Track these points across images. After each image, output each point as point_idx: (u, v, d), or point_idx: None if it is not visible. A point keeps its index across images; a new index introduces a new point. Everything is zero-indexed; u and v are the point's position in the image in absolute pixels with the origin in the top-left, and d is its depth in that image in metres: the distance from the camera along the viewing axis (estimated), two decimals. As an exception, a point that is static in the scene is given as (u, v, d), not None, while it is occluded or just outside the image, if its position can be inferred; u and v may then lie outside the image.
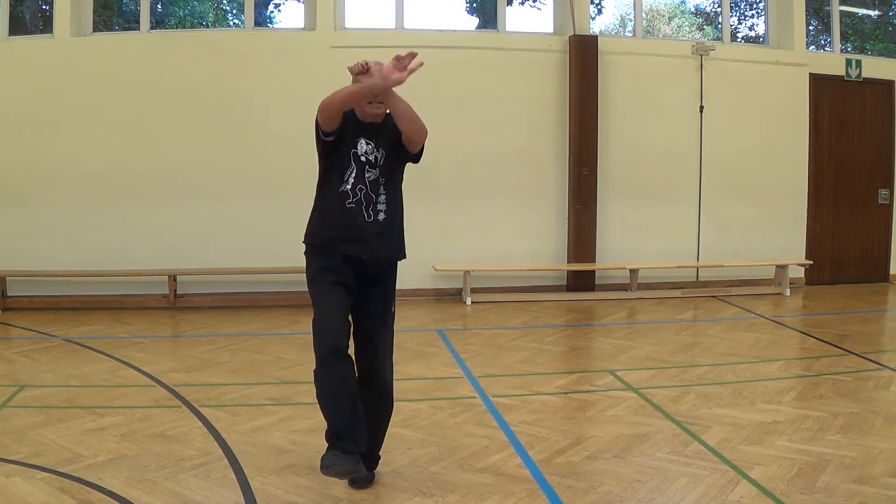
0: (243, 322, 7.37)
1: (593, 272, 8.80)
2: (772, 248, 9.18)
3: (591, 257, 8.73)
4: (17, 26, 8.50)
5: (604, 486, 3.55)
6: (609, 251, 8.84)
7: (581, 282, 8.78)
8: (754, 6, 10.10)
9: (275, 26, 9.07)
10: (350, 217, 3.31)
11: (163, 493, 3.44)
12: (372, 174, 3.35)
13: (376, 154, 3.36)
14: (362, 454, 3.21)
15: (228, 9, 9.39)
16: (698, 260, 9.10)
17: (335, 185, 3.33)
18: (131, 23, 8.84)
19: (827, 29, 9.83)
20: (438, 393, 5.08)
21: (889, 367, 5.60)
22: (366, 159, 3.34)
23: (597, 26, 9.42)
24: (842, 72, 9.37)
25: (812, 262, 9.13)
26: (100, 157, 8.02)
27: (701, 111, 9.00)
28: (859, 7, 10.18)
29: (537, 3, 9.23)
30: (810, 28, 9.86)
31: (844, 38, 9.84)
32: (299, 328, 6.94)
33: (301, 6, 8.67)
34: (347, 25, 8.60)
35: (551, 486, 3.55)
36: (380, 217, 3.35)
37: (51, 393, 5.00)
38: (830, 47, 9.71)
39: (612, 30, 9.83)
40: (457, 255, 8.48)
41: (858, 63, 9.39)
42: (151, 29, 8.49)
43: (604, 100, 8.66)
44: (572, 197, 8.71)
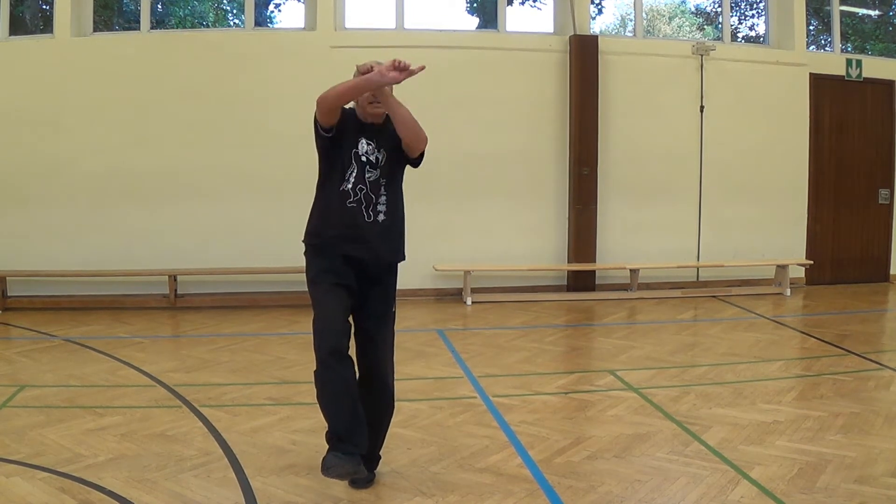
0: (243, 322, 7.37)
1: (593, 272, 8.80)
2: (772, 248, 9.18)
3: (591, 257, 8.73)
4: (18, 26, 8.50)
5: (604, 486, 3.55)
6: (609, 251, 8.84)
7: (581, 282, 8.78)
8: (754, 6, 10.10)
9: (275, 26, 9.07)
10: (351, 216, 3.32)
11: (163, 493, 3.44)
12: (373, 175, 3.35)
13: (377, 155, 3.36)
14: (363, 454, 3.21)
15: (228, 9, 9.39)
16: (698, 260, 9.10)
17: (336, 185, 3.33)
18: (131, 23, 8.84)
19: (827, 29, 9.83)
20: (438, 393, 5.07)
21: (889, 367, 5.60)
22: (366, 159, 3.35)
23: (597, 26, 9.42)
24: (842, 72, 9.37)
25: (812, 262, 9.13)
26: (100, 157, 8.02)
27: (701, 111, 9.00)
28: (859, 7, 10.18)
29: (537, 3, 9.23)
30: (810, 28, 9.86)
31: (845, 38, 9.84)
32: (299, 328, 6.94)
33: (301, 6, 8.68)
34: (347, 25, 8.60)
35: (551, 486, 3.55)
36: (379, 218, 3.35)
37: (51, 393, 5.00)
38: (831, 47, 9.71)
39: (613, 30, 9.83)
40: (457, 255, 8.49)
41: (859, 63, 9.39)
42: (151, 29, 8.49)
43: (604, 100, 8.66)
44: (572, 197, 8.71)
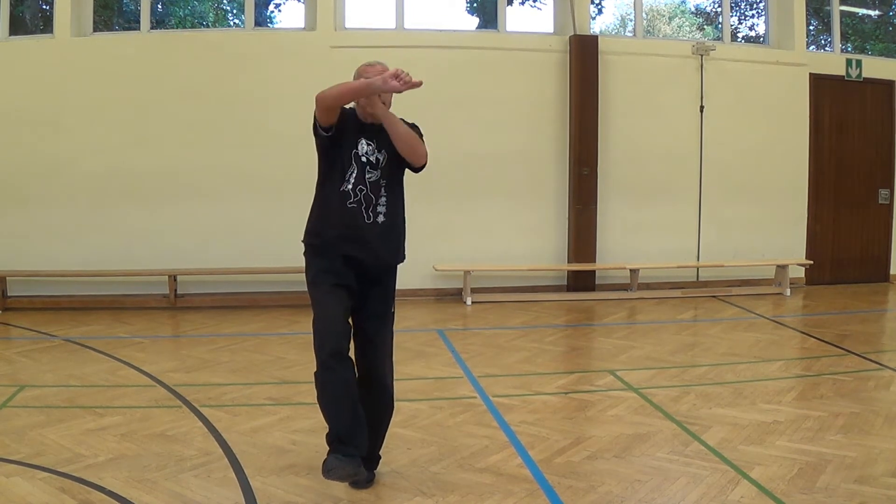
0: (243, 322, 7.37)
1: (593, 272, 8.80)
2: (772, 248, 9.18)
3: (591, 257, 8.73)
4: (18, 26, 8.50)
5: (604, 486, 3.55)
6: (609, 251, 8.84)
7: (581, 282, 8.78)
8: (754, 6, 10.10)
9: (275, 26, 9.07)
10: (351, 217, 3.32)
11: (163, 493, 3.44)
12: (373, 175, 3.35)
13: (377, 155, 3.36)
14: (363, 456, 3.22)
15: (228, 9, 9.39)
16: (698, 260, 9.10)
17: (336, 185, 3.33)
18: (131, 23, 8.84)
19: (827, 29, 9.83)
20: (438, 393, 5.08)
21: (889, 367, 5.60)
22: (366, 160, 3.35)
23: (597, 26, 9.42)
24: (842, 72, 9.37)
25: (812, 262, 9.13)
26: (100, 157, 8.02)
27: (701, 111, 9.00)
28: (859, 7, 10.18)
29: (537, 3, 9.23)
30: (810, 28, 9.86)
31: (844, 38, 9.84)
32: (299, 328, 6.94)
33: (301, 6, 8.67)
34: (347, 25, 8.60)
35: (551, 486, 3.55)
36: (379, 219, 3.35)
37: (51, 393, 5.00)
38: (831, 47, 9.71)
39: (613, 30, 9.83)
40: (457, 255, 8.49)
41: (858, 63, 9.39)
42: (151, 29, 8.49)
43: (604, 100, 8.66)
44: (572, 197, 8.71)
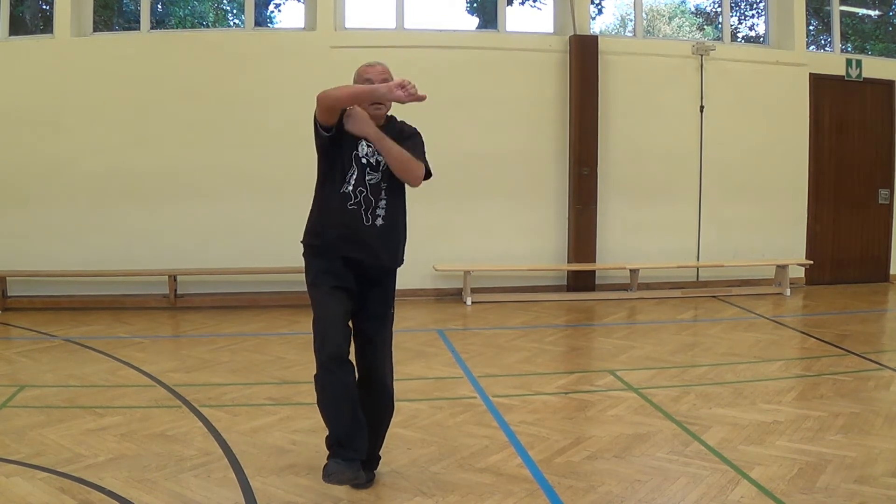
0: (243, 322, 7.37)
1: (593, 272, 8.80)
2: (772, 248, 9.18)
3: (591, 257, 8.73)
4: (18, 26, 8.50)
5: (604, 486, 3.55)
6: (609, 251, 8.84)
7: (581, 282, 8.78)
8: (754, 6, 10.10)
9: (275, 26, 9.07)
10: (351, 218, 3.31)
11: (163, 493, 3.44)
12: (373, 177, 3.34)
13: (377, 157, 3.35)
14: (362, 459, 3.23)
15: (228, 9, 9.39)
16: (698, 260, 9.10)
17: (337, 186, 3.33)
18: (131, 23, 8.84)
19: (827, 29, 9.83)
20: (438, 393, 5.08)
21: (889, 367, 5.60)
22: (367, 161, 3.34)
23: (597, 26, 9.42)
24: (842, 72, 9.36)
25: (812, 262, 9.13)
26: (100, 157, 8.02)
27: (701, 111, 9.00)
28: (859, 7, 10.18)
29: (537, 3, 9.23)
30: (810, 28, 9.86)
31: (844, 38, 9.84)
32: (299, 328, 6.94)
33: (301, 6, 8.67)
34: (347, 25, 8.60)
35: (551, 486, 3.55)
36: (377, 222, 3.34)
37: (51, 393, 5.00)
38: (830, 47, 9.71)
39: (613, 30, 9.83)
40: (457, 255, 8.48)
41: (858, 63, 9.39)
42: (151, 29, 8.49)
43: (604, 100, 8.66)
44: (572, 197, 8.71)
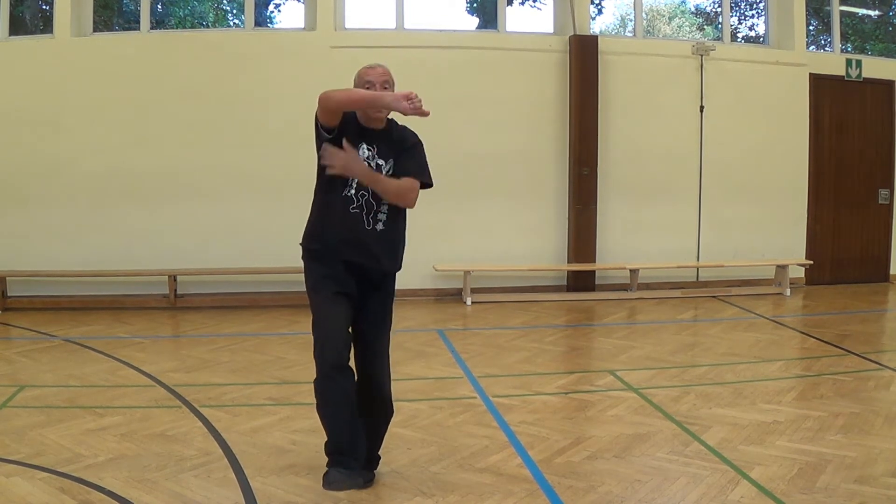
0: (243, 322, 7.37)
1: (593, 272, 8.80)
2: (772, 248, 9.17)
3: (591, 257, 8.73)
4: (17, 26, 8.50)
5: (604, 486, 3.55)
6: (609, 251, 8.84)
7: (581, 282, 8.78)
8: (754, 6, 10.10)
9: (275, 26, 9.07)
10: (353, 222, 3.31)
11: (163, 493, 3.44)
12: None
13: (378, 161, 3.34)
14: (361, 465, 3.31)
15: (228, 9, 9.39)
16: (698, 260, 9.10)
17: (339, 190, 3.32)
18: (131, 23, 8.84)
19: (827, 29, 9.83)
20: (438, 393, 5.07)
21: (889, 367, 5.60)
22: (368, 165, 3.32)
23: (597, 26, 9.42)
24: (842, 72, 9.36)
25: (812, 262, 9.13)
26: (100, 157, 8.02)
27: (701, 111, 9.00)
28: (859, 7, 10.18)
29: (537, 3, 9.23)
30: (810, 28, 9.86)
31: (844, 38, 9.84)
32: (299, 328, 6.94)
33: (301, 6, 8.67)
34: (347, 25, 8.60)
35: (551, 486, 3.55)
36: (378, 227, 3.35)
37: (51, 393, 5.00)
38: (830, 47, 9.71)
39: (613, 30, 9.83)
40: (457, 255, 8.48)
41: (858, 63, 9.39)
42: (151, 29, 8.49)
43: (604, 100, 8.66)
44: (572, 197, 8.71)
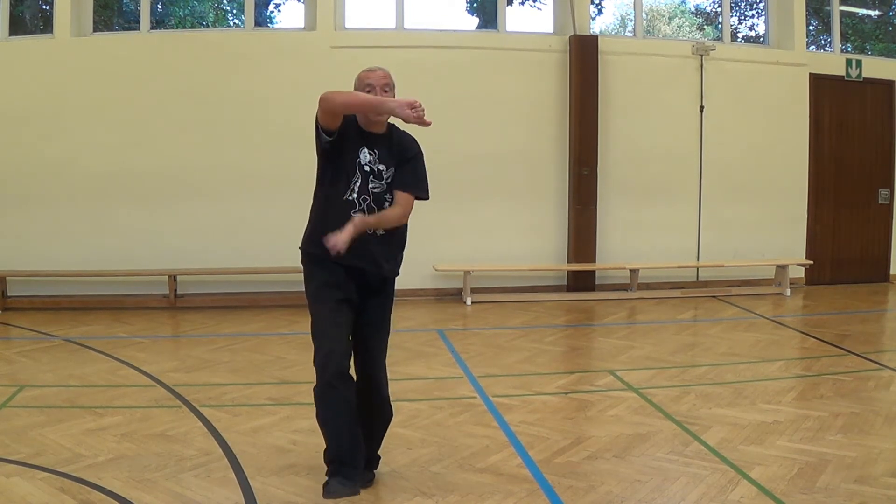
0: (243, 322, 7.37)
1: (593, 272, 8.80)
2: (772, 248, 9.17)
3: (591, 257, 8.73)
4: (17, 26, 8.50)
5: (604, 486, 3.55)
6: (609, 251, 8.84)
7: (581, 282, 8.78)
8: (754, 6, 10.10)
9: (275, 26, 9.07)
10: None
11: (163, 493, 3.44)
12: (377, 186, 3.33)
13: (379, 167, 3.33)
14: (360, 472, 3.32)
15: (228, 9, 9.39)
16: (698, 260, 9.10)
17: (341, 193, 3.30)
18: (131, 23, 8.84)
19: (827, 29, 9.83)
20: (438, 393, 5.07)
21: (889, 367, 5.60)
22: (369, 169, 3.32)
23: (597, 26, 9.42)
24: (842, 72, 9.36)
25: (812, 262, 9.12)
26: (100, 157, 8.02)
27: (701, 111, 9.00)
28: (859, 7, 10.18)
29: (537, 3, 9.23)
30: (810, 28, 9.86)
31: (844, 38, 9.84)
32: (299, 328, 6.93)
33: (301, 6, 8.67)
34: (347, 25, 8.60)
35: (551, 486, 3.55)
36: (378, 231, 3.35)
37: (51, 393, 5.00)
38: (830, 47, 9.71)
39: (613, 30, 9.83)
40: (457, 255, 8.48)
41: (858, 63, 9.39)
42: (151, 29, 8.49)
43: (604, 100, 8.66)
44: (572, 197, 8.71)
